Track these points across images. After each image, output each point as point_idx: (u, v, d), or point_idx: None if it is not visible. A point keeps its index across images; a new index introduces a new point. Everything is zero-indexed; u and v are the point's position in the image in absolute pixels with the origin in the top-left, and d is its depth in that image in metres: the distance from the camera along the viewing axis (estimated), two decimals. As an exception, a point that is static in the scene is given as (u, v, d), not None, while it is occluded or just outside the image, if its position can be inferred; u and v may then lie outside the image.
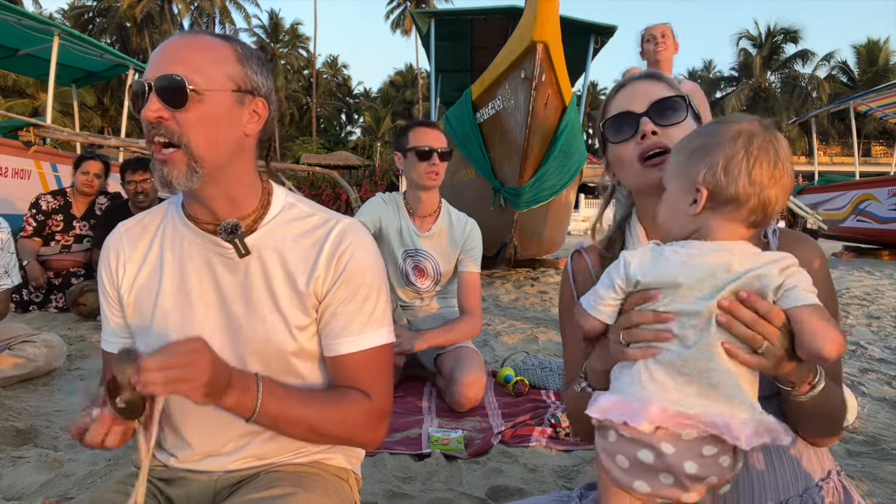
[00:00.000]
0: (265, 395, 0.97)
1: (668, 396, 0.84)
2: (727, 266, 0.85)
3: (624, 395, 0.87)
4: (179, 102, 0.94)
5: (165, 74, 0.94)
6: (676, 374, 0.85)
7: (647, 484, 0.85)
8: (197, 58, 0.96)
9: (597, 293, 0.93)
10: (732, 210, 0.88)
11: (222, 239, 1.03)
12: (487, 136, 5.62)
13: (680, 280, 0.86)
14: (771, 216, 0.88)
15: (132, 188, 4.21)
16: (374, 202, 2.80)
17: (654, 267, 0.88)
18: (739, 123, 0.89)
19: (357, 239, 1.09)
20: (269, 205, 1.09)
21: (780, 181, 0.87)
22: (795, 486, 0.98)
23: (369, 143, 43.96)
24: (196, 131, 0.96)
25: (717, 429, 0.81)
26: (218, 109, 0.97)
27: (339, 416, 1.05)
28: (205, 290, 1.06)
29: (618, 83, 1.17)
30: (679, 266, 0.87)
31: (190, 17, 45.26)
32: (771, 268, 0.83)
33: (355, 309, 1.07)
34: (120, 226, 1.15)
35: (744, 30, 45.09)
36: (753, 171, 0.86)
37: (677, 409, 0.83)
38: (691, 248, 0.88)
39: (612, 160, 1.15)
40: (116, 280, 1.11)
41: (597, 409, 0.88)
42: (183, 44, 0.98)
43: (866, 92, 11.97)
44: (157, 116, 0.94)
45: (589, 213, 31.15)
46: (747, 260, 0.85)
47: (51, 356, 2.74)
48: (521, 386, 2.68)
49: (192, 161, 0.96)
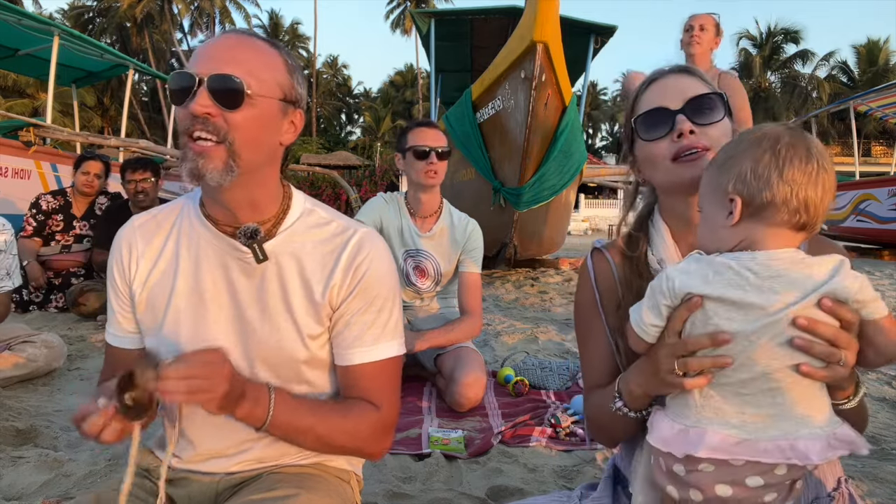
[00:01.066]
0: (276, 406, 0.97)
1: (728, 422, 0.81)
2: (792, 278, 0.80)
3: (682, 423, 0.84)
4: (234, 103, 0.94)
5: (223, 74, 0.94)
6: (735, 396, 0.82)
7: (677, 492, 0.85)
8: (253, 61, 0.97)
9: (641, 316, 0.89)
10: (772, 214, 0.83)
11: (241, 243, 1.02)
12: (487, 136, 5.62)
13: (735, 296, 0.81)
14: (817, 218, 0.84)
15: (132, 188, 4.21)
16: (375, 202, 2.80)
17: (703, 283, 0.83)
18: (762, 129, 0.87)
19: (374, 249, 1.09)
20: (288, 210, 1.09)
21: (818, 179, 0.82)
22: (806, 495, 0.97)
23: (369, 143, 43.96)
24: (241, 132, 0.96)
25: (782, 451, 0.78)
26: (265, 115, 0.98)
27: (348, 428, 1.05)
28: (219, 292, 1.06)
29: (647, 77, 1.10)
30: (733, 280, 0.82)
31: (190, 17, 45.27)
32: (845, 276, 0.79)
33: (370, 319, 1.07)
34: (133, 219, 1.14)
35: (744, 30, 45.11)
36: (784, 170, 0.82)
37: (737, 434, 0.80)
38: (743, 260, 0.83)
39: (641, 157, 1.09)
40: (128, 275, 1.10)
41: (659, 440, 0.85)
42: (238, 44, 0.98)
43: (866, 92, 11.96)
44: (206, 112, 0.94)
45: (589, 213, 31.16)
46: (814, 269, 0.81)
47: (51, 356, 2.74)
48: (521, 386, 2.68)
49: (230, 159, 0.96)
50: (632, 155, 1.12)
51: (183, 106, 0.95)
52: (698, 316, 0.84)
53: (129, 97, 9.73)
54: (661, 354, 0.87)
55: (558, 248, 8.28)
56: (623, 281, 1.09)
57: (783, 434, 0.79)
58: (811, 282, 0.80)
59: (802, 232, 0.85)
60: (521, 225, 5.77)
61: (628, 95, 3.96)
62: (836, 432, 0.80)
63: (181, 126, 0.96)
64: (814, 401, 0.81)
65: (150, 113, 42.98)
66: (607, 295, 1.11)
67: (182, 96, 0.95)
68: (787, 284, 0.80)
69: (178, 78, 0.95)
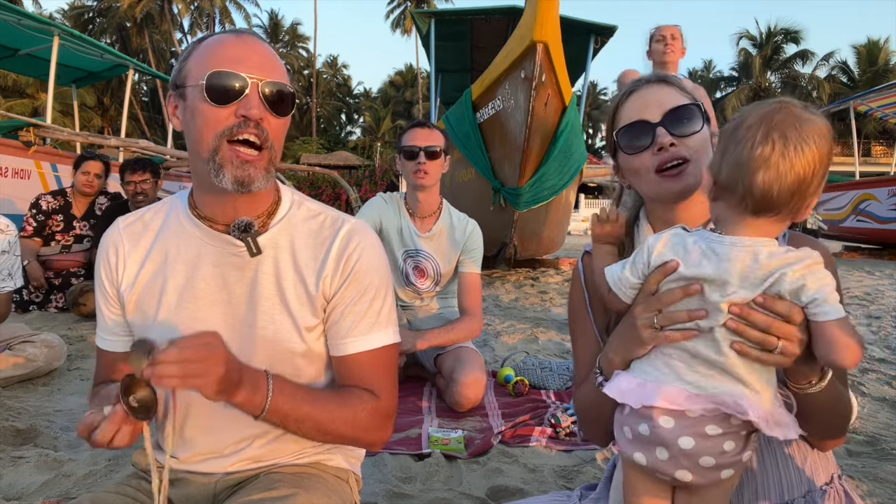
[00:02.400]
0: (275, 393, 0.97)
1: (684, 378, 0.86)
2: (743, 267, 0.83)
3: (641, 378, 0.90)
4: (285, 111, 1.01)
5: (278, 82, 0.99)
6: (691, 358, 0.87)
7: (644, 457, 0.89)
8: (285, 69, 1.03)
9: (620, 276, 0.94)
10: (728, 197, 0.85)
11: (234, 237, 1.03)
12: (487, 137, 5.62)
13: (700, 273, 0.85)
14: (771, 203, 0.82)
15: (131, 189, 4.21)
16: (375, 202, 2.81)
17: (674, 254, 0.88)
18: (748, 107, 0.86)
19: (365, 239, 1.10)
20: (279, 203, 1.10)
21: (770, 162, 0.80)
22: (799, 488, 0.98)
23: (369, 143, 43.96)
24: (278, 137, 1.02)
25: (727, 406, 0.82)
26: (288, 119, 1.04)
27: (347, 416, 1.05)
28: (212, 289, 1.06)
29: (626, 88, 1.11)
30: (700, 258, 0.86)
31: (190, 17, 45.28)
32: (794, 268, 0.81)
33: (363, 309, 1.08)
34: (118, 221, 1.13)
35: (744, 30, 45.08)
36: (737, 152, 0.83)
37: (690, 389, 0.85)
38: (712, 241, 0.87)
39: (625, 168, 1.10)
40: (116, 277, 1.10)
41: (616, 390, 0.91)
42: (270, 51, 1.03)
43: (866, 92, 11.95)
44: (261, 117, 0.97)
45: (589, 213, 31.13)
46: (772, 260, 0.82)
47: (51, 356, 2.74)
48: (521, 386, 2.68)
49: (271, 164, 1.00)
50: (616, 162, 1.13)
51: (225, 107, 0.95)
52: (671, 279, 0.89)
53: (129, 97, 9.73)
54: (637, 311, 0.92)
55: (558, 248, 8.28)
56: None
57: (728, 391, 0.84)
58: (760, 272, 0.82)
59: (763, 218, 0.84)
60: (521, 225, 5.76)
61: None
62: (773, 412, 0.84)
63: (219, 127, 0.96)
64: (759, 379, 0.85)
65: (150, 113, 42.98)
66: (596, 296, 1.12)
67: (229, 97, 0.95)
68: (738, 273, 0.83)
69: (227, 78, 0.95)
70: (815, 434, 0.99)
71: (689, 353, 0.87)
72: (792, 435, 0.83)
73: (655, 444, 0.87)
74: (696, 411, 0.84)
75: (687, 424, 0.85)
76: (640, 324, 0.90)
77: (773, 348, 0.82)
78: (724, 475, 0.87)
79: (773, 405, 0.85)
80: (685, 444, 0.84)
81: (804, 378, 0.87)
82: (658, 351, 0.90)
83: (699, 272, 0.85)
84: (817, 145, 0.81)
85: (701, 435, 0.84)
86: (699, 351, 0.86)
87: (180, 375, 0.83)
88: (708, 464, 0.85)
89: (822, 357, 0.81)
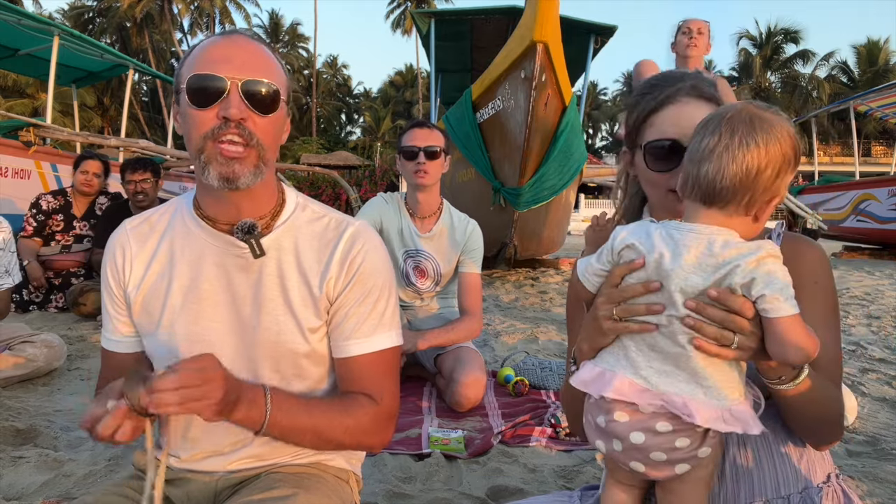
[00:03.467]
0: (273, 408, 0.97)
1: (638, 372, 0.88)
2: (697, 252, 0.84)
3: (602, 367, 0.92)
4: (269, 109, 0.99)
5: (259, 80, 0.97)
6: (649, 350, 0.88)
7: (603, 445, 0.92)
8: (274, 66, 1.02)
9: (587, 265, 0.96)
10: (687, 191, 0.89)
11: (238, 238, 1.03)
12: (487, 137, 5.61)
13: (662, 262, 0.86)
14: (723, 196, 0.84)
15: (132, 188, 4.21)
16: (376, 202, 2.81)
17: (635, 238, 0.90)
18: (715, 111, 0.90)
19: (369, 241, 1.10)
20: (283, 204, 1.10)
21: (714, 154, 0.84)
22: (796, 484, 0.99)
23: (369, 143, 43.96)
24: (267, 135, 1.00)
25: (675, 407, 0.84)
26: (281, 117, 1.03)
27: (348, 425, 1.05)
28: (216, 290, 1.06)
29: (665, 92, 1.03)
30: (658, 242, 0.87)
31: (190, 17, 45.28)
32: (745, 260, 0.81)
33: (366, 311, 1.08)
34: (125, 223, 1.14)
35: (744, 30, 45.14)
36: (691, 147, 0.88)
37: (642, 383, 0.87)
38: (671, 228, 0.88)
39: (640, 171, 1.08)
40: (122, 278, 1.10)
41: (579, 380, 0.93)
42: (257, 48, 1.01)
43: (866, 92, 11.96)
44: (242, 117, 0.96)
45: (589, 213, 31.11)
46: (725, 249, 0.83)
47: (51, 356, 2.74)
48: (521, 386, 2.68)
49: (260, 161, 0.99)
50: (631, 155, 1.11)
51: (208, 109, 0.95)
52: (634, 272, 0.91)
53: (129, 97, 9.73)
54: (599, 301, 0.93)
55: (558, 248, 8.28)
56: None
57: (678, 391, 0.85)
58: (716, 264, 0.83)
59: (714, 209, 0.86)
60: (521, 225, 5.76)
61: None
62: (731, 408, 0.84)
63: (203, 129, 0.96)
64: (720, 374, 0.85)
65: (150, 113, 42.98)
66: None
67: (210, 99, 0.95)
68: (692, 258, 0.84)
69: (204, 80, 0.95)
70: (803, 434, 0.99)
71: (647, 345, 0.88)
72: (752, 431, 0.84)
73: (612, 437, 0.90)
74: (648, 407, 0.86)
75: (638, 420, 0.87)
76: (601, 314, 0.91)
77: (729, 343, 0.82)
78: (679, 469, 0.88)
79: (733, 401, 0.85)
80: (636, 439, 0.87)
81: (773, 373, 0.87)
82: (619, 341, 0.91)
83: (655, 254, 0.87)
84: (766, 143, 0.82)
85: (651, 431, 0.86)
86: (657, 343, 0.87)
87: (178, 403, 0.83)
88: (659, 458, 0.87)
89: (771, 353, 0.82)
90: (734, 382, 0.86)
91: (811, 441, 1.00)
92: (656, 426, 0.86)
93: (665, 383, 0.86)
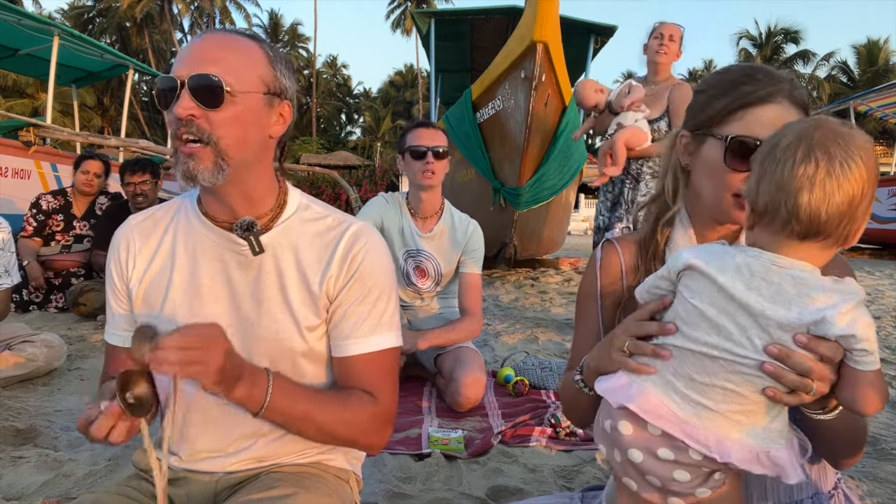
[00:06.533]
0: (275, 391, 0.97)
1: (670, 394, 0.82)
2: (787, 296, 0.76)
3: (631, 378, 0.87)
4: (215, 102, 0.95)
5: (202, 73, 0.94)
6: (689, 379, 0.82)
7: (605, 450, 0.90)
8: (232, 58, 0.97)
9: (646, 282, 0.92)
10: (769, 222, 0.79)
11: (237, 236, 1.03)
12: (487, 137, 5.62)
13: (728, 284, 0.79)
14: (819, 226, 0.76)
15: (131, 190, 4.20)
16: (376, 202, 2.81)
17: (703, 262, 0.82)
18: (784, 128, 0.82)
19: (370, 241, 1.10)
20: (284, 205, 1.10)
21: (815, 183, 0.74)
22: (807, 490, 0.98)
23: (369, 143, 43.96)
24: (226, 130, 0.96)
25: (698, 441, 0.78)
26: (249, 111, 0.98)
27: (347, 418, 1.05)
28: (216, 286, 1.07)
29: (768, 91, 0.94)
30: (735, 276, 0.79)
31: (190, 17, 45.27)
32: (840, 309, 0.74)
33: (366, 310, 1.08)
34: (130, 219, 1.15)
35: (744, 30, 45.13)
36: (777, 174, 0.77)
37: (671, 406, 0.81)
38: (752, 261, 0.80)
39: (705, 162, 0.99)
40: (126, 273, 1.11)
41: (603, 386, 0.89)
42: (217, 43, 0.98)
43: (866, 92, 11.95)
44: (190, 114, 0.94)
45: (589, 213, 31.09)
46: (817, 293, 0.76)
47: (51, 356, 2.74)
48: (521, 386, 2.68)
49: (219, 158, 0.97)
50: (695, 143, 1.01)
51: (169, 110, 0.96)
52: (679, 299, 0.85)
53: (129, 97, 9.73)
54: (618, 331, 0.90)
55: (558, 248, 8.29)
56: (633, 270, 1.08)
57: (714, 427, 0.79)
58: (805, 308, 0.75)
59: (809, 242, 0.78)
60: (521, 225, 5.77)
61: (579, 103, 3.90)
62: (769, 452, 0.79)
63: (171, 129, 0.97)
64: (763, 413, 0.80)
65: (150, 113, 42.95)
66: (610, 287, 1.10)
67: (167, 100, 0.96)
68: (779, 299, 0.76)
69: (161, 82, 0.96)
70: (828, 456, 0.96)
71: (694, 370, 0.81)
72: (790, 480, 0.78)
73: (614, 446, 0.87)
74: (656, 430, 0.81)
75: (642, 438, 0.82)
76: (616, 344, 0.89)
77: (808, 391, 0.76)
78: (672, 503, 0.84)
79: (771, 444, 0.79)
80: (634, 457, 0.83)
81: (817, 405, 0.83)
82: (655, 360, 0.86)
83: (725, 279, 0.80)
84: (864, 161, 0.76)
85: (652, 454, 0.82)
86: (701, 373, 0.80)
87: (180, 362, 0.84)
88: (654, 483, 0.83)
89: (845, 402, 0.78)
90: (777, 421, 0.81)
91: (833, 461, 0.97)
92: (658, 451, 0.81)
93: (697, 414, 0.79)
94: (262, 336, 1.05)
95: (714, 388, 0.79)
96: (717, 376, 0.79)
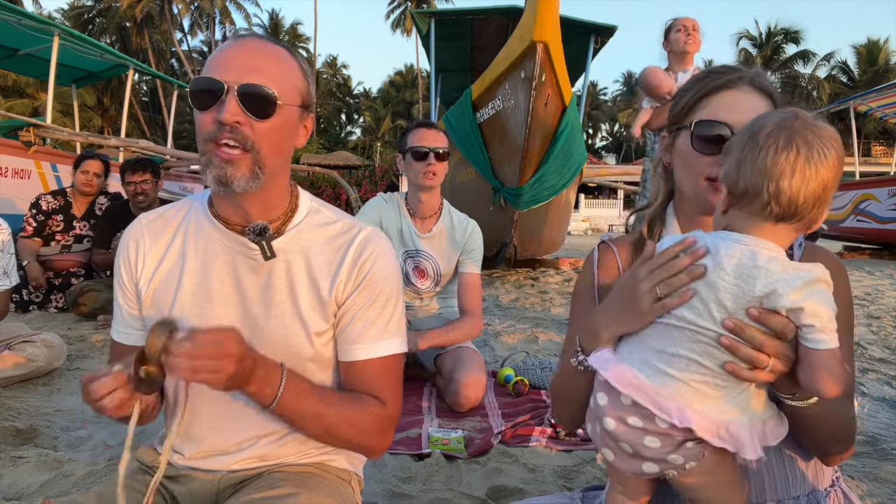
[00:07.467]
0: (286, 388, 0.98)
1: (643, 370, 0.86)
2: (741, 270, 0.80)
3: (612, 353, 0.91)
4: (265, 113, 0.96)
5: (255, 84, 0.95)
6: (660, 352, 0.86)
7: (589, 427, 0.94)
8: (277, 70, 0.99)
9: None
10: (747, 204, 0.84)
11: (250, 240, 1.04)
12: (487, 137, 5.62)
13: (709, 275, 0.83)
14: (796, 209, 0.81)
15: (132, 189, 4.21)
16: (376, 202, 2.81)
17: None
18: (761, 116, 0.86)
19: (379, 247, 1.11)
20: (296, 208, 1.10)
21: (795, 168, 0.79)
22: (804, 487, 0.99)
23: (369, 143, 43.97)
24: (267, 140, 0.98)
25: (663, 410, 0.82)
26: (288, 123, 1.01)
27: (354, 419, 1.05)
28: (226, 289, 1.07)
29: (727, 78, 1.00)
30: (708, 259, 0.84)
31: (190, 17, 45.31)
32: (795, 282, 0.78)
33: (373, 315, 1.09)
34: (141, 217, 1.15)
35: (744, 30, 45.20)
36: (757, 159, 0.82)
37: (641, 377, 0.85)
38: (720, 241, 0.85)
39: (681, 154, 1.04)
40: (135, 272, 1.11)
41: (600, 359, 0.90)
42: (262, 51, 0.99)
43: (866, 92, 11.95)
44: (236, 121, 0.95)
45: (589, 213, 31.14)
46: (771, 264, 0.80)
47: (51, 356, 2.74)
48: (521, 386, 2.68)
49: (256, 167, 0.98)
50: (672, 139, 1.07)
51: (207, 112, 0.96)
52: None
53: (129, 97, 9.73)
54: (640, 274, 0.89)
55: (558, 248, 8.28)
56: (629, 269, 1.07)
57: (678, 396, 0.83)
58: (759, 280, 0.79)
59: (783, 224, 0.83)
60: (521, 225, 5.77)
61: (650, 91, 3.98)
62: (728, 425, 0.82)
63: (204, 131, 0.97)
64: (728, 388, 0.83)
65: (150, 113, 43.00)
66: (607, 283, 1.10)
67: (208, 102, 0.96)
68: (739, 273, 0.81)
69: (202, 83, 0.96)
70: (813, 449, 0.98)
71: (663, 343, 0.86)
72: (747, 455, 0.81)
73: (593, 417, 0.91)
74: (626, 399, 0.85)
75: (615, 406, 0.87)
76: (644, 293, 0.87)
77: (763, 367, 0.79)
78: (646, 468, 0.87)
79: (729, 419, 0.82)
80: (608, 425, 0.88)
81: (788, 389, 0.85)
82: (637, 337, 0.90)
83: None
84: (836, 150, 0.81)
85: (623, 422, 0.86)
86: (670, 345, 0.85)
87: (190, 370, 0.84)
88: (627, 450, 0.87)
89: (804, 382, 0.80)
90: (741, 400, 0.84)
91: (820, 456, 0.98)
92: (628, 419, 0.86)
93: (663, 384, 0.84)
94: (271, 340, 1.05)
95: (679, 357, 0.84)
96: (682, 346, 0.84)
